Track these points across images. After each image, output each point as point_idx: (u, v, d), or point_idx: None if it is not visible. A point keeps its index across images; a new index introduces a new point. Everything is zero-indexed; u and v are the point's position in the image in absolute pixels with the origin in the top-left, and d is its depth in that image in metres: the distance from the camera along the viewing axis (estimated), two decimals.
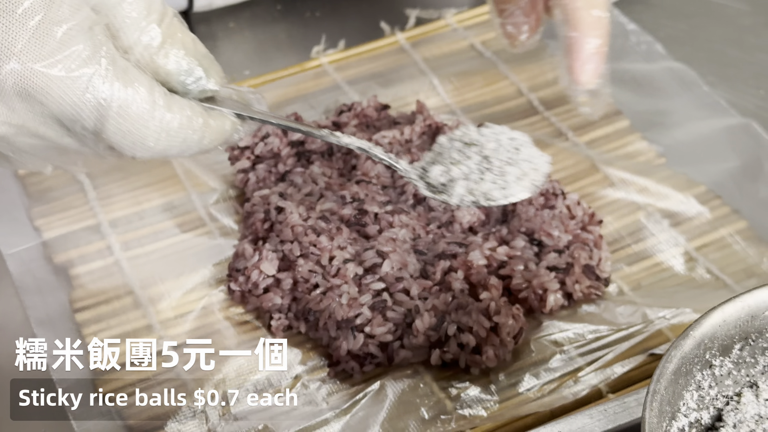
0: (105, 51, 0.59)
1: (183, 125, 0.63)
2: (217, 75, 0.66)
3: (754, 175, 0.91)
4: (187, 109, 0.63)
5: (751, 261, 0.85)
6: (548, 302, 0.80)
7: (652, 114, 0.97)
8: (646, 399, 0.58)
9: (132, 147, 0.62)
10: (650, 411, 0.57)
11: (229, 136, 0.67)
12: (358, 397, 0.76)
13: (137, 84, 0.60)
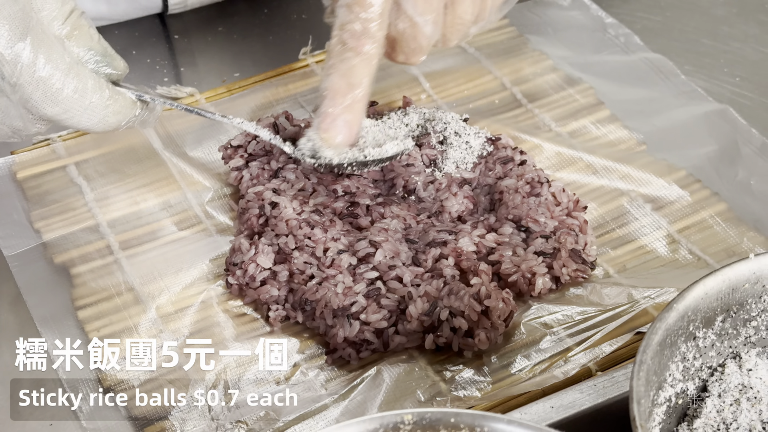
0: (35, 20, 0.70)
1: (91, 89, 0.73)
2: (120, 66, 0.77)
3: (732, 159, 0.94)
4: (92, 79, 0.73)
5: (732, 241, 0.88)
6: (537, 286, 0.83)
7: (631, 103, 1.00)
8: (633, 369, 0.61)
9: (43, 100, 0.71)
10: (637, 380, 0.60)
11: (130, 115, 0.76)
12: (355, 382, 0.78)
13: (55, 47, 0.71)
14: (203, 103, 1.01)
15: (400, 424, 0.59)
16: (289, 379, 0.79)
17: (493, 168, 0.91)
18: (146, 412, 0.77)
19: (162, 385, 0.79)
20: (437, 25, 0.81)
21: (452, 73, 1.04)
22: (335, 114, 0.78)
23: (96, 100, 0.73)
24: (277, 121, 0.93)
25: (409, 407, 0.76)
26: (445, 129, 0.92)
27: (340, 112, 0.78)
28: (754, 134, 0.96)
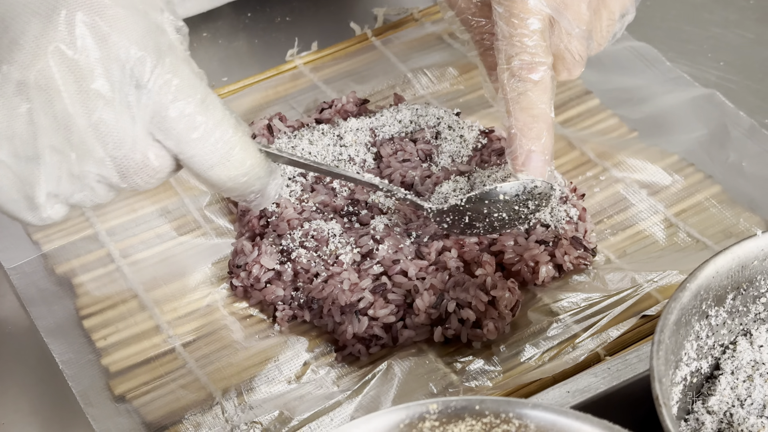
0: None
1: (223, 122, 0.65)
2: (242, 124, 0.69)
3: (722, 142, 0.95)
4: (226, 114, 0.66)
5: (728, 222, 0.89)
6: (540, 274, 0.83)
7: (620, 91, 1.01)
8: (652, 349, 0.61)
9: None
10: (657, 360, 0.61)
11: (258, 168, 0.68)
12: (367, 378, 0.79)
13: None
14: None
15: (425, 413, 0.59)
16: (300, 378, 0.80)
17: (489, 160, 0.91)
18: (160, 417, 0.77)
19: (174, 389, 0.79)
20: (592, 33, 0.80)
21: (441, 68, 1.05)
22: (529, 149, 0.78)
23: (229, 132, 0.65)
24: (271, 122, 0.94)
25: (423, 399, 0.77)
26: (439, 123, 0.93)
27: (533, 147, 0.78)
28: (742, 117, 0.97)
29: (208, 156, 0.65)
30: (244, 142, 0.66)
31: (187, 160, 0.65)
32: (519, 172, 0.79)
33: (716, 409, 0.67)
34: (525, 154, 0.78)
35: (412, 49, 1.07)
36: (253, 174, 0.68)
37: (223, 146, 0.65)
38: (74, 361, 0.81)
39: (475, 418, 0.59)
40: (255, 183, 0.68)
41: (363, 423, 0.58)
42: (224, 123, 0.65)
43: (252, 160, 0.67)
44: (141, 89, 0.62)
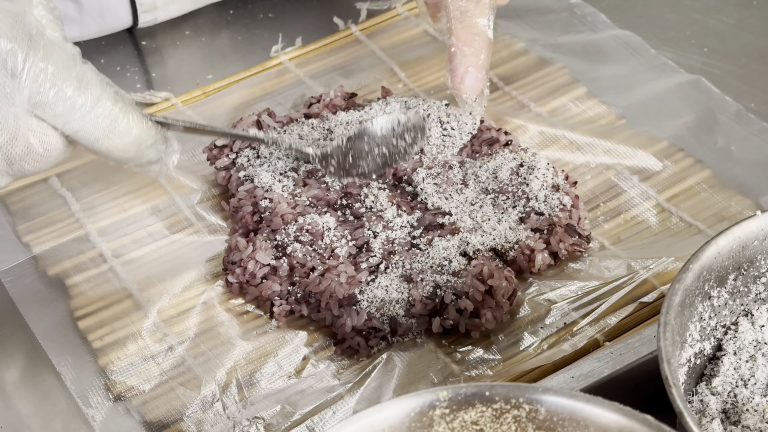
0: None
1: (104, 94, 0.70)
2: (127, 96, 0.74)
3: (710, 127, 0.96)
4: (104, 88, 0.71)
5: (720, 206, 0.89)
6: (536, 261, 0.83)
7: (606, 79, 1.02)
8: (659, 330, 0.62)
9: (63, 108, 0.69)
10: (664, 341, 0.61)
11: (147, 136, 0.73)
12: (368, 370, 0.78)
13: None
14: (180, 107, 1.01)
15: (436, 401, 0.59)
16: (301, 373, 0.79)
17: (480, 150, 0.92)
18: (160, 416, 0.77)
19: (173, 388, 0.78)
20: None
21: (426, 61, 1.05)
22: (467, 66, 0.87)
23: (109, 106, 0.70)
24: (260, 118, 0.93)
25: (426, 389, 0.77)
26: (428, 115, 0.93)
27: (471, 64, 0.87)
28: (728, 102, 0.97)
29: (92, 130, 0.70)
30: (126, 114, 0.71)
31: (73, 135, 0.70)
32: (457, 89, 0.88)
33: (720, 389, 0.68)
34: (463, 71, 0.87)
35: (398, 43, 1.07)
36: (142, 143, 0.73)
37: (104, 120, 0.70)
38: (71, 362, 0.80)
39: (485, 404, 0.59)
40: (147, 152, 0.74)
41: (374, 413, 0.58)
42: (103, 97, 0.70)
43: (137, 129, 0.72)
44: (16, 78, 0.66)
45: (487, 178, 0.89)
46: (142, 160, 0.74)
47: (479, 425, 0.59)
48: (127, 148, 0.72)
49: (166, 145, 0.75)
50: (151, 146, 0.74)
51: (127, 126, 0.71)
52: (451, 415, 0.59)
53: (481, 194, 0.89)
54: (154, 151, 0.74)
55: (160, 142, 0.74)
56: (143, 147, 0.73)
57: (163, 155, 0.75)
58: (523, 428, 0.59)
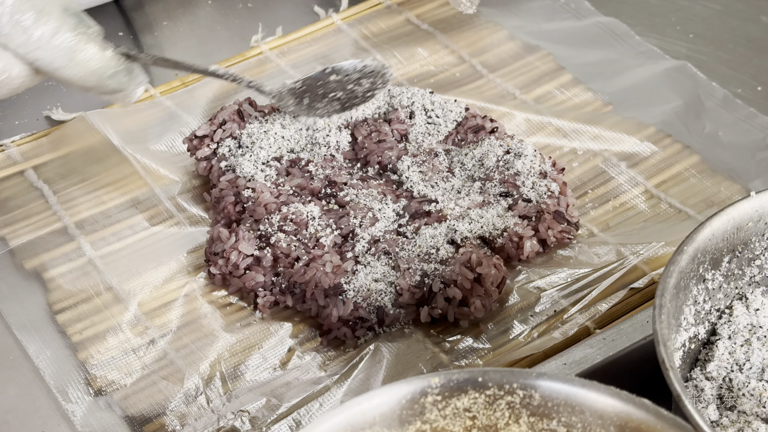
0: None
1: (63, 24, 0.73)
2: (96, 29, 0.76)
3: (697, 112, 0.95)
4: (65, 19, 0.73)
5: (709, 192, 0.88)
6: (525, 249, 0.82)
7: (592, 66, 1.00)
8: (654, 313, 0.60)
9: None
10: (660, 324, 0.60)
11: (109, 65, 0.76)
12: (354, 361, 0.77)
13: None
14: (158, 98, 0.99)
15: (427, 388, 0.58)
16: (286, 365, 0.77)
17: (465, 137, 0.90)
18: (143, 410, 0.75)
19: (155, 381, 0.76)
20: None
21: (409, 50, 1.03)
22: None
23: (68, 37, 0.73)
24: (242, 107, 0.92)
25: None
26: (412, 103, 0.91)
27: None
28: (715, 87, 0.96)
29: (51, 60, 0.73)
30: (86, 44, 0.74)
31: (33, 64, 0.73)
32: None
33: (715, 374, 0.66)
34: None
35: (380, 32, 1.05)
36: (102, 73, 0.76)
37: (63, 50, 0.73)
38: (50, 357, 0.78)
39: (478, 390, 0.58)
40: (109, 82, 0.76)
41: (365, 400, 0.56)
42: (63, 29, 0.73)
43: (98, 60, 0.75)
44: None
45: (474, 166, 0.88)
46: (105, 90, 0.77)
47: (472, 412, 0.58)
48: (87, 78, 0.75)
49: (130, 77, 0.78)
50: (112, 77, 0.76)
51: (87, 57, 0.74)
52: (443, 401, 0.58)
53: (468, 182, 0.87)
54: (116, 81, 0.77)
55: (122, 74, 0.77)
56: (104, 77, 0.76)
57: (127, 86, 0.78)
58: (516, 414, 0.58)
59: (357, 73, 0.87)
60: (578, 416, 0.57)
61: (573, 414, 0.57)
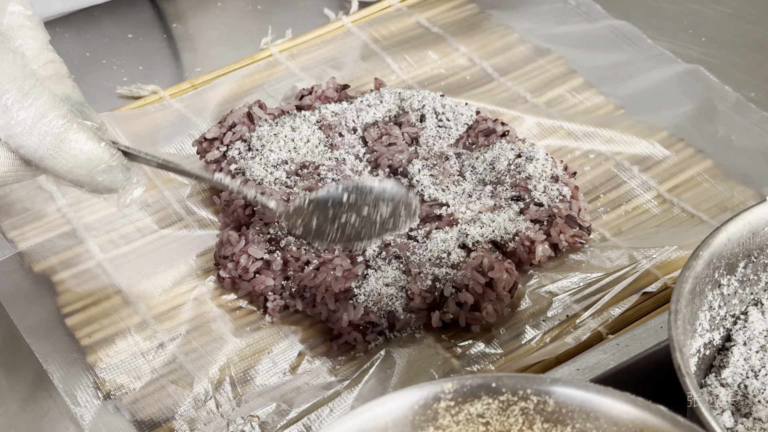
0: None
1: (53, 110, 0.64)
2: (97, 120, 0.69)
3: (710, 117, 0.94)
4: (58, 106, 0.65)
5: (722, 196, 0.87)
6: (537, 253, 0.81)
7: (603, 69, 1.00)
8: (670, 319, 0.60)
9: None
10: (675, 329, 0.59)
11: (105, 158, 0.67)
12: (365, 366, 0.76)
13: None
14: (168, 100, 0.98)
15: (440, 393, 0.57)
16: (296, 369, 0.77)
17: (476, 141, 0.89)
18: (152, 414, 0.74)
19: (164, 385, 0.76)
20: None
21: (420, 52, 1.03)
22: None
23: (56, 123, 0.64)
24: (251, 110, 0.91)
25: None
26: (423, 106, 0.91)
27: None
28: (727, 91, 0.96)
29: (35, 147, 0.64)
30: (76, 133, 0.65)
31: (18, 151, 0.65)
32: None
33: (730, 381, 0.66)
34: None
35: (390, 35, 1.05)
36: (94, 167, 0.66)
37: (50, 137, 0.64)
38: (59, 360, 0.77)
39: (492, 396, 0.57)
40: (101, 178, 0.67)
41: (377, 405, 0.56)
42: (51, 114, 0.64)
43: (89, 151, 0.65)
44: None
45: (485, 170, 0.87)
46: (98, 187, 0.68)
47: (485, 418, 0.57)
48: (75, 171, 0.66)
49: (125, 175, 0.68)
50: (105, 172, 0.67)
51: (76, 146, 0.65)
52: (456, 407, 0.57)
53: (479, 185, 0.87)
54: (109, 178, 0.67)
55: (117, 170, 0.68)
56: (95, 171, 0.67)
57: (122, 184, 0.68)
58: (530, 421, 0.57)
59: (375, 196, 0.73)
60: (593, 423, 0.56)
61: (588, 420, 0.56)
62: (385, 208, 0.73)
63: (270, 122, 0.90)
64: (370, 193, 0.73)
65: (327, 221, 0.74)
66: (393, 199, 0.73)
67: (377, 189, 0.73)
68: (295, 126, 0.89)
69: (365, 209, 0.73)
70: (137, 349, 0.78)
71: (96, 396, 0.75)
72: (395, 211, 0.73)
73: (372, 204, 0.73)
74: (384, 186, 0.73)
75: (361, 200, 0.73)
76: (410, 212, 0.73)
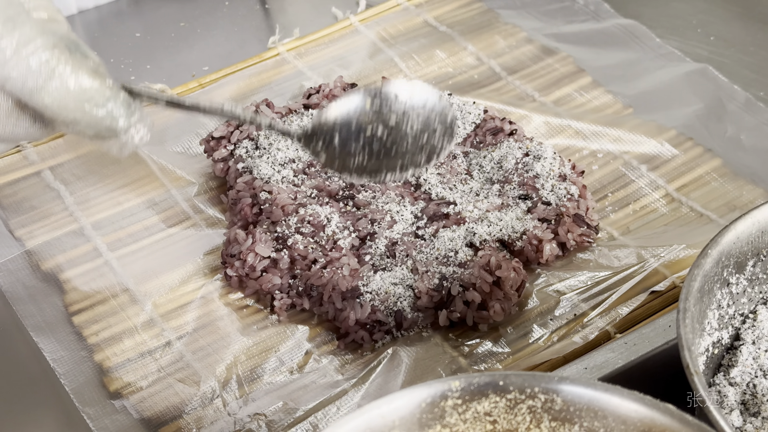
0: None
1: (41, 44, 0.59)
2: (95, 59, 0.62)
3: (719, 116, 0.94)
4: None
5: (731, 195, 0.87)
6: (544, 252, 0.81)
7: (611, 68, 0.99)
8: (678, 317, 0.59)
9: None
10: (684, 327, 0.59)
11: (88, 94, 0.60)
12: (372, 364, 0.76)
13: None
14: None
15: (447, 391, 0.57)
16: (303, 368, 0.77)
17: (484, 139, 0.89)
18: (159, 413, 0.74)
19: (172, 384, 0.76)
20: None
21: (427, 51, 1.02)
22: None
23: (43, 53, 0.58)
24: (259, 108, 0.91)
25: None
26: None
27: None
28: (737, 90, 0.95)
29: (22, 80, 0.58)
30: (67, 63, 0.59)
31: (4, 87, 0.59)
32: None
33: (738, 380, 0.65)
34: None
35: (397, 34, 1.05)
36: (89, 100, 0.59)
37: (36, 68, 0.58)
38: (66, 358, 0.77)
39: (499, 394, 0.57)
40: (98, 113, 0.60)
41: (384, 403, 0.56)
42: (38, 41, 0.58)
43: (82, 83, 0.59)
44: None
45: (492, 168, 0.87)
46: (97, 125, 0.61)
47: (492, 416, 0.57)
48: (69, 105, 0.59)
49: (127, 112, 0.61)
50: (101, 107, 0.60)
51: (67, 79, 0.59)
52: (463, 405, 0.57)
53: (486, 184, 0.86)
54: (107, 112, 0.60)
55: (119, 106, 0.60)
56: (91, 107, 0.60)
57: (124, 127, 0.61)
58: (538, 419, 0.57)
59: (402, 102, 0.63)
60: (601, 421, 0.56)
61: (595, 419, 0.56)
62: (415, 118, 0.64)
63: (277, 121, 0.90)
64: (396, 98, 0.63)
65: (351, 137, 0.64)
66: (424, 107, 0.63)
67: (404, 93, 0.63)
68: (303, 125, 0.89)
69: (393, 117, 0.64)
70: (144, 348, 0.78)
71: (103, 394, 0.75)
72: (428, 123, 0.64)
73: (401, 112, 0.64)
74: (412, 89, 0.63)
75: (386, 108, 0.63)
76: (446, 126, 0.64)
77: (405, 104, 0.63)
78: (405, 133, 0.64)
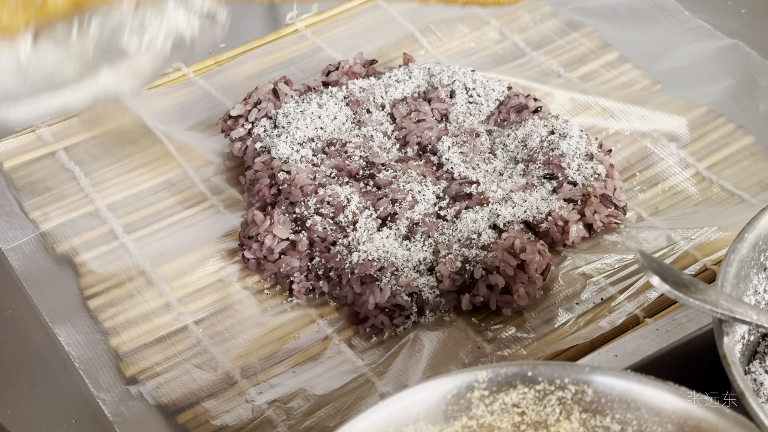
0: None
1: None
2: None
3: (751, 92, 0.91)
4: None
5: (763, 174, 0.85)
6: (570, 234, 0.79)
7: (639, 43, 0.97)
8: None
9: None
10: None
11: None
12: (393, 350, 0.74)
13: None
14: (192, 77, 0.96)
15: (474, 383, 0.55)
16: (322, 354, 0.75)
17: (508, 117, 0.87)
18: (175, 399, 0.72)
19: (189, 369, 0.74)
20: None
21: (448, 27, 1.00)
22: None
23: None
24: (277, 86, 0.89)
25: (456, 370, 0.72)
26: (453, 82, 0.88)
27: None
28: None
29: None
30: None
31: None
32: None
33: None
34: None
35: (419, 8, 1.02)
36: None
37: None
38: (81, 343, 0.76)
39: (528, 385, 0.55)
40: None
41: (408, 395, 0.54)
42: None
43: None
44: None
45: (516, 147, 0.85)
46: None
47: (521, 408, 0.55)
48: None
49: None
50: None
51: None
52: (490, 396, 0.55)
53: (510, 163, 0.84)
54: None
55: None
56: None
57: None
58: (568, 411, 0.55)
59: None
60: (633, 413, 0.54)
61: (628, 411, 0.54)
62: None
63: (296, 99, 0.88)
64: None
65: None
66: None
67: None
68: (322, 102, 0.87)
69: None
70: (161, 332, 0.76)
71: (119, 380, 0.74)
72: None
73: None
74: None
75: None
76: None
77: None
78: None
